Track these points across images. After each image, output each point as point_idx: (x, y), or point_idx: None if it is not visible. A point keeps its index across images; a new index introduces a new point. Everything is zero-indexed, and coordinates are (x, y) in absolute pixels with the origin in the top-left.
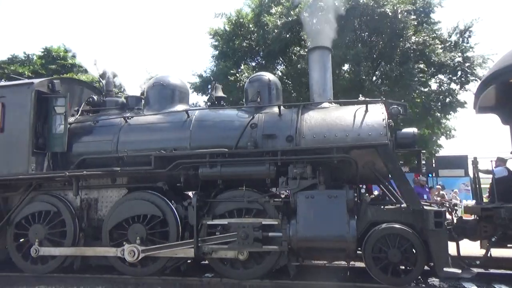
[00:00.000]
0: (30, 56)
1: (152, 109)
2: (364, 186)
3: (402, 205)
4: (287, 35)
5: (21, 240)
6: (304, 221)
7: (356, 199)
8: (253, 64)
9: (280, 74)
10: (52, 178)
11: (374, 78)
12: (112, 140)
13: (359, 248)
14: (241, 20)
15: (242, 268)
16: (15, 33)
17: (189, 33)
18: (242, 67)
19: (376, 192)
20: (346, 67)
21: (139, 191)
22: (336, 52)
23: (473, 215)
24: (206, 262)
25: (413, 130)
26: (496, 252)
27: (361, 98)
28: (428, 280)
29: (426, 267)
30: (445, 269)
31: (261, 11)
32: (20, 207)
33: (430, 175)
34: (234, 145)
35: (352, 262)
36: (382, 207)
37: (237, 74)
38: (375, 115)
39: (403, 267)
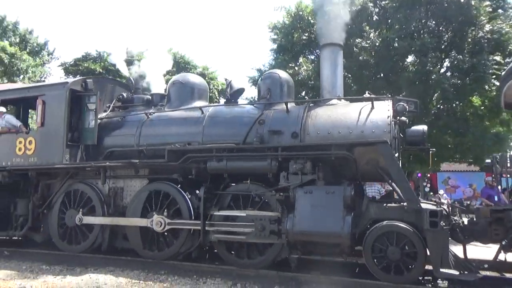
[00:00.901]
0: (101, 53)
1: (172, 106)
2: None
3: (405, 203)
4: (348, 26)
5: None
6: (301, 215)
7: (355, 196)
8: (312, 57)
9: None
10: (84, 168)
11: (443, 70)
12: (135, 134)
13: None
14: (301, 12)
15: (246, 258)
16: (89, 31)
17: (250, 27)
18: (301, 60)
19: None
20: (410, 58)
21: (155, 183)
22: (401, 43)
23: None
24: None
25: (422, 127)
26: None
27: (366, 94)
28: (438, 282)
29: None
30: (441, 269)
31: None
32: (59, 193)
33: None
34: (242, 140)
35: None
36: (384, 204)
37: (296, 68)
38: (380, 112)
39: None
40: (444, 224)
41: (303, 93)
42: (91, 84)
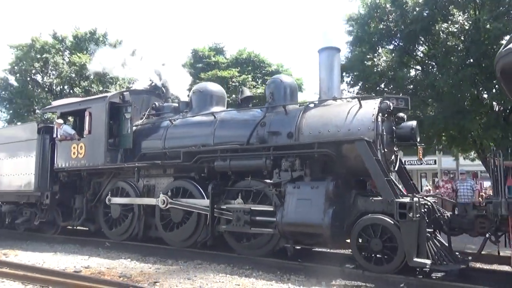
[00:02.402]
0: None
1: (194, 112)
2: None
3: None
4: (431, 12)
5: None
6: (289, 208)
7: (342, 190)
8: (391, 47)
9: (421, 55)
10: (122, 168)
11: None
12: (161, 139)
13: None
14: (377, 1)
15: (254, 248)
16: (169, 38)
17: (324, 21)
18: (380, 50)
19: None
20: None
21: (178, 180)
22: (494, 25)
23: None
24: None
25: (411, 123)
26: None
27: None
28: (432, 275)
29: None
30: (414, 259)
31: None
32: (106, 189)
33: None
34: (246, 141)
35: None
36: (370, 198)
37: (375, 59)
38: (366, 111)
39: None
40: (417, 215)
41: (383, 85)
42: (128, 96)
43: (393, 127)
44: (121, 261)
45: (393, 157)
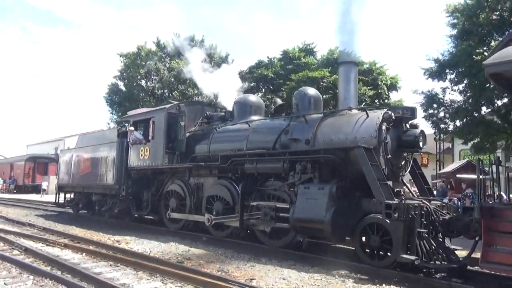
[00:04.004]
0: (272, 59)
1: (235, 121)
2: None
3: None
4: None
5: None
6: (299, 206)
7: (347, 191)
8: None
9: None
10: (176, 169)
11: None
12: (207, 143)
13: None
14: None
15: (276, 239)
16: (261, 40)
17: (420, 15)
18: (493, 43)
19: None
20: None
21: (219, 179)
22: None
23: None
24: None
25: (416, 131)
26: None
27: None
28: (436, 275)
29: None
30: (402, 255)
31: None
32: (166, 186)
33: None
34: (272, 146)
35: None
36: (373, 200)
37: (486, 53)
38: (372, 120)
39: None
40: (404, 216)
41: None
42: (183, 107)
43: (401, 135)
44: (218, 256)
45: (403, 162)
